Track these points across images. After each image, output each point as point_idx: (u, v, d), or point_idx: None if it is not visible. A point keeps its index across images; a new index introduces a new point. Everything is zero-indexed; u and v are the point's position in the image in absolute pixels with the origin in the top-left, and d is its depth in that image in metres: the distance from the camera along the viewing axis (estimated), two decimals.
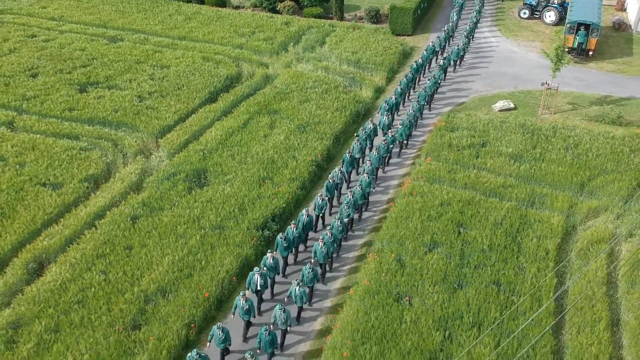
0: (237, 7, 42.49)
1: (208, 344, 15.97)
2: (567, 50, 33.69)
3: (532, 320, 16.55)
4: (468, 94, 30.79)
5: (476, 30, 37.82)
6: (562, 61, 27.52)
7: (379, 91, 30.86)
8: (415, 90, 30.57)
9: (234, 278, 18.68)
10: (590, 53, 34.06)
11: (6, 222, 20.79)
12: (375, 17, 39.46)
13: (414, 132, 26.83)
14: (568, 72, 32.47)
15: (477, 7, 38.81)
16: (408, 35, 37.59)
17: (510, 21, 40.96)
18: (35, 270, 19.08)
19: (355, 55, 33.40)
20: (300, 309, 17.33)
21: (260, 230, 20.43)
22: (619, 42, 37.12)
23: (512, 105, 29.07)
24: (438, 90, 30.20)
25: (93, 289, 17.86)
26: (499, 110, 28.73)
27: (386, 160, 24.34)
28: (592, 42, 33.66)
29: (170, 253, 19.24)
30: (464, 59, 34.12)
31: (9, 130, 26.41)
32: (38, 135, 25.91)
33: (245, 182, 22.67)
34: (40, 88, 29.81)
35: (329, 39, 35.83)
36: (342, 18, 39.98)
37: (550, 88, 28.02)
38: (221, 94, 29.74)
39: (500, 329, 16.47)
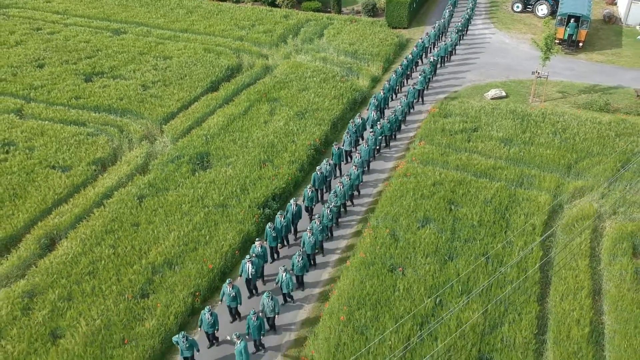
0: (237, 1, 43.44)
1: (198, 328, 16.40)
2: (557, 41, 34.76)
3: (518, 287, 17.57)
4: (462, 83, 31.80)
5: (470, 24, 38.71)
6: (551, 50, 28.53)
7: (375, 80, 31.84)
8: (405, 86, 30.93)
9: (236, 252, 19.66)
10: (580, 44, 35.07)
11: (18, 202, 21.77)
12: (372, 10, 40.46)
13: (409, 118, 27.87)
14: (559, 62, 33.55)
15: (471, 3, 39.69)
16: (404, 28, 38.59)
17: (504, 14, 41.99)
18: (47, 246, 20.08)
19: (352, 46, 34.39)
20: (286, 295, 17.84)
21: (261, 209, 21.43)
22: (608, 35, 38.16)
23: (503, 94, 30.09)
24: (430, 84, 30.90)
25: (103, 262, 18.85)
26: (491, 98, 29.74)
27: (375, 152, 24.84)
28: (582, 34, 34.68)
29: (176, 229, 20.23)
30: (456, 53, 34.90)
31: (18, 117, 27.37)
32: (46, 122, 26.90)
33: (247, 165, 23.65)
34: (47, 78, 30.77)
35: (326, 32, 36.81)
36: (339, 11, 40.99)
37: (540, 77, 29.02)
38: (222, 83, 30.72)
39: (487, 296, 17.48)
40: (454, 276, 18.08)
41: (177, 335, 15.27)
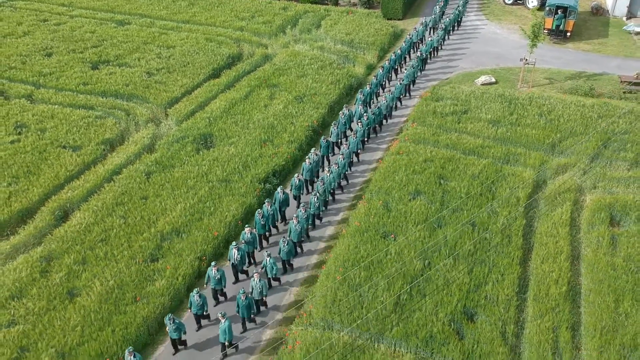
0: None
1: (189, 310, 17.14)
2: (546, 32, 36.13)
3: (502, 251, 18.91)
4: (453, 71, 33.13)
5: (461, 19, 39.63)
6: (538, 38, 29.86)
7: (370, 68, 33.18)
8: (392, 81, 31.33)
9: (239, 222, 20.97)
10: (568, 34, 36.42)
11: (32, 178, 23.04)
12: (368, 2, 41.77)
13: (406, 102, 29.22)
14: (547, 51, 34.92)
15: (462, 0, 40.64)
16: (399, 20, 39.91)
17: (496, 7, 43.32)
18: (61, 217, 21.36)
19: (348, 36, 35.71)
20: (272, 279, 18.55)
21: (262, 183, 22.74)
22: (596, 25, 39.53)
23: (493, 80, 31.43)
24: (423, 71, 31.87)
25: (114, 230, 20.15)
26: (482, 84, 31.08)
27: (364, 143, 25.54)
28: (569, 24, 36.04)
29: (182, 201, 21.53)
30: (442, 48, 35.44)
31: (28, 102, 28.63)
32: (56, 106, 28.16)
33: (248, 144, 24.96)
34: (55, 65, 32.03)
35: (324, 22, 38.12)
36: (336, 3, 42.31)
37: (528, 64, 30.36)
38: (224, 71, 32.03)
39: (473, 259, 18.82)
40: (442, 241, 19.41)
41: (165, 318, 15.94)
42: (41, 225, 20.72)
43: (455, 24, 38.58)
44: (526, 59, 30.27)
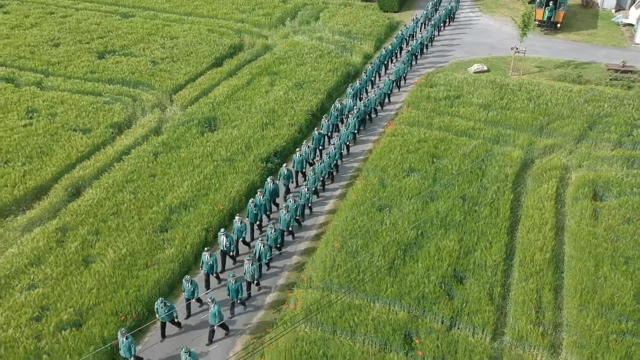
0: None
1: (183, 293, 17.62)
2: (537, 23, 37.41)
3: (490, 222, 20.14)
4: (447, 60, 34.37)
5: (454, 14, 40.53)
6: (528, 27, 31.11)
7: (367, 57, 34.39)
8: (382, 77, 31.55)
9: (242, 197, 22.17)
10: (559, 25, 37.69)
11: (45, 158, 24.20)
12: None
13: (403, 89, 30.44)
14: (537, 41, 36.19)
15: None
16: (395, 12, 41.13)
17: (489, 0, 44.57)
18: (73, 194, 22.52)
19: (346, 27, 36.93)
20: (262, 265, 18.83)
21: (264, 162, 23.94)
22: (585, 17, 40.82)
23: (485, 68, 32.68)
24: (409, 70, 32.23)
25: (125, 205, 21.32)
26: (474, 72, 32.31)
27: (354, 136, 26.07)
28: (559, 15, 37.31)
29: (189, 179, 22.72)
30: (432, 45, 36.04)
31: (38, 89, 29.78)
32: (65, 93, 29.31)
33: (250, 127, 26.15)
34: (63, 55, 33.15)
35: (322, 15, 39.34)
36: None
37: (518, 52, 31.60)
38: (226, 60, 33.21)
39: (463, 229, 20.03)
40: (434, 213, 20.62)
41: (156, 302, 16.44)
42: (55, 201, 21.89)
43: (447, 20, 39.51)
44: (517, 48, 31.51)
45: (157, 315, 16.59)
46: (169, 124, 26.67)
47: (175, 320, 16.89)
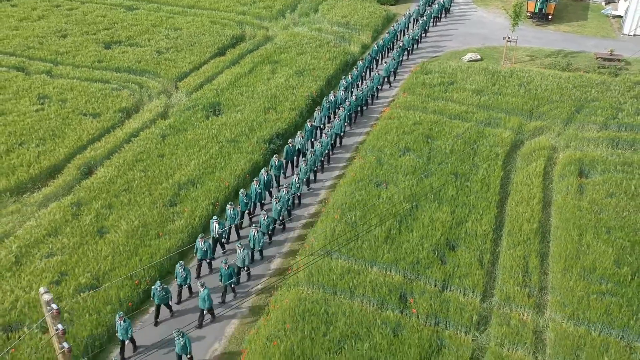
0: None
1: (175, 280, 18.13)
2: (529, 15, 38.70)
3: (481, 196, 21.38)
4: (442, 50, 35.62)
5: (452, 7, 41.71)
6: (519, 17, 32.37)
7: (364, 47, 35.63)
8: (373, 72, 31.49)
9: (247, 175, 23.36)
10: (550, 17, 38.96)
11: (58, 140, 25.36)
12: None
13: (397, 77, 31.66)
14: (529, 32, 37.46)
15: None
16: (392, 5, 42.38)
17: None
18: (86, 173, 23.69)
19: (344, 19, 38.17)
20: (260, 251, 19.54)
21: (267, 143, 25.14)
22: (576, 10, 42.12)
23: (478, 57, 33.93)
24: (400, 65, 33.02)
25: (136, 182, 22.50)
26: (468, 61, 33.55)
27: (346, 127, 26.80)
28: (550, 7, 38.60)
29: (196, 158, 23.90)
30: (422, 41, 36.54)
31: (48, 76, 30.93)
32: (74, 80, 30.46)
33: (253, 111, 27.35)
34: (71, 46, 34.29)
35: (321, 7, 40.57)
36: None
37: (510, 41, 32.85)
38: (228, 50, 34.41)
39: (455, 202, 21.26)
40: (428, 188, 21.85)
41: (154, 286, 16.90)
42: (69, 179, 23.05)
43: (443, 13, 40.52)
44: (509, 37, 32.75)
45: (152, 299, 17.18)
46: (175, 108, 27.86)
47: (170, 302, 17.28)
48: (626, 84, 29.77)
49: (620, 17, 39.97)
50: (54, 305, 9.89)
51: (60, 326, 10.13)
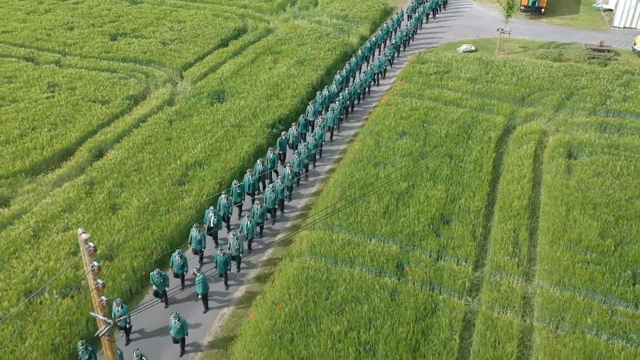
0: None
1: (171, 268, 18.30)
2: (522, 8, 39.87)
3: (474, 176, 22.53)
4: (438, 42, 36.76)
5: (448, 2, 42.84)
6: (512, 9, 33.52)
7: (363, 39, 36.75)
8: (368, 65, 31.93)
9: (251, 157, 24.47)
10: (543, 10, 40.13)
11: (69, 125, 26.43)
12: None
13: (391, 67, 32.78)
14: (523, 25, 38.62)
15: None
16: None
17: None
18: (97, 155, 24.77)
19: (343, 12, 39.30)
20: (250, 241, 19.95)
21: (270, 128, 26.25)
22: (568, 3, 43.30)
23: (473, 48, 35.07)
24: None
25: (145, 163, 23.59)
26: (463, 52, 34.69)
27: (340, 121, 27.47)
28: (543, 1, 39.76)
29: (202, 141, 24.99)
30: (414, 38, 37.12)
31: (57, 66, 31.98)
32: (82, 70, 31.53)
33: (256, 98, 28.45)
34: (78, 37, 35.35)
35: (320, 0, 41.69)
36: None
37: (504, 33, 33.99)
38: (231, 41, 35.50)
39: (449, 181, 22.38)
40: (424, 168, 22.99)
41: (152, 273, 17.39)
42: (81, 160, 24.14)
43: (438, 8, 41.54)
44: (502, 29, 33.89)
45: (151, 282, 17.72)
46: (181, 96, 28.94)
47: (167, 288, 17.72)
48: (614, 72, 30.94)
49: (611, 10, 41.16)
50: (90, 244, 11.04)
51: (95, 263, 11.30)
